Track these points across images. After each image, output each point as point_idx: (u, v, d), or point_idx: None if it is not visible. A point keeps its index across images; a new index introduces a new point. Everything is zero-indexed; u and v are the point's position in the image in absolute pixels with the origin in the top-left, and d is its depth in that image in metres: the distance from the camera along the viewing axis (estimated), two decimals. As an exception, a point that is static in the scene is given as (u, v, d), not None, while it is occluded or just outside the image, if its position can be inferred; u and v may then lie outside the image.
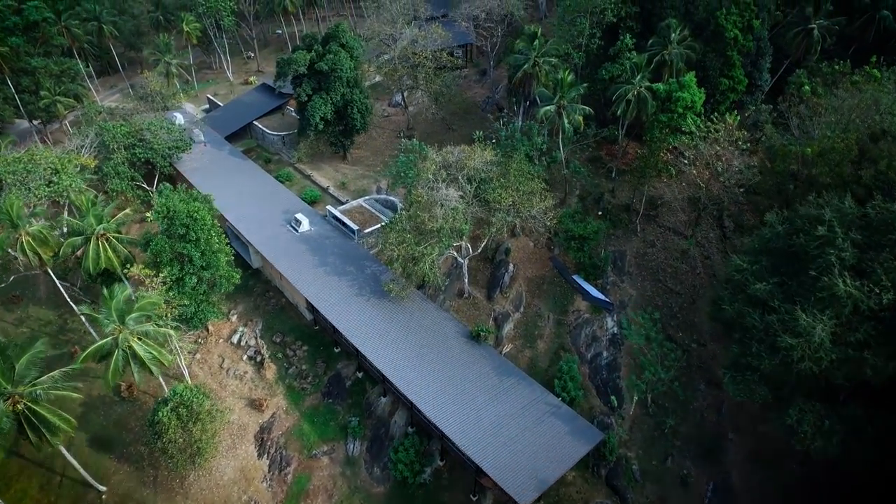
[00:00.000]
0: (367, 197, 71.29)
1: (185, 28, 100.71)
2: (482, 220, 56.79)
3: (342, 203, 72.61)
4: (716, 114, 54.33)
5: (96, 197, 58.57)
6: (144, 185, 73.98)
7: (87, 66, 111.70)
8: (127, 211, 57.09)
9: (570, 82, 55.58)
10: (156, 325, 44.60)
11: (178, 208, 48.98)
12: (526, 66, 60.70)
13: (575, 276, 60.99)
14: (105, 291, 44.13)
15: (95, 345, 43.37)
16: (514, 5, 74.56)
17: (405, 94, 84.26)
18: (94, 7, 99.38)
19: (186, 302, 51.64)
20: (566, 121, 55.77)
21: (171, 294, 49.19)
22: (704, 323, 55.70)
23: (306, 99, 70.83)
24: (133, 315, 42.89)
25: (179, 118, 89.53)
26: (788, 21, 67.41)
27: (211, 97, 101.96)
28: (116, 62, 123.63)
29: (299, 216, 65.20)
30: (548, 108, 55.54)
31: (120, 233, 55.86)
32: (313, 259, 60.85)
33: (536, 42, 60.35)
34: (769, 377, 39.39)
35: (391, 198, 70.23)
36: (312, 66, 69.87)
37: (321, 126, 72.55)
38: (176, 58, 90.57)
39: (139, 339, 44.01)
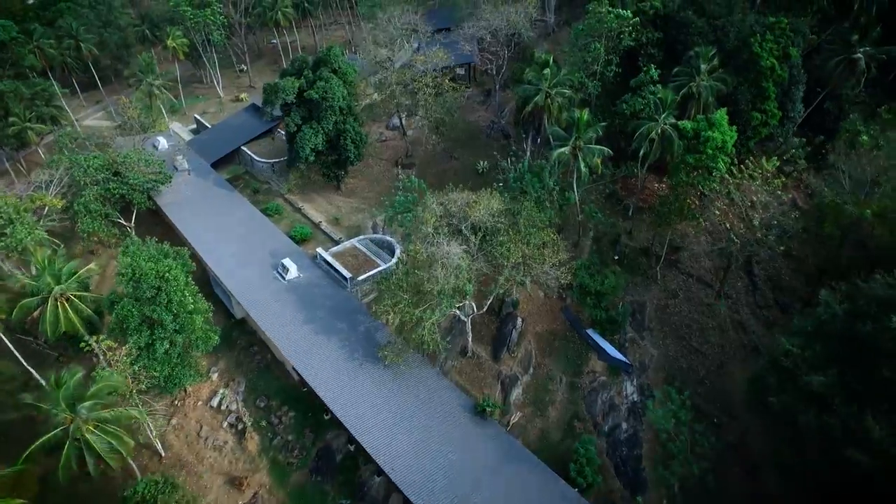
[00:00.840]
0: (361, 237, 65.43)
1: (171, 43, 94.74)
2: (488, 275, 50.93)
3: (334, 241, 66.88)
4: (750, 157, 48.32)
5: (56, 251, 52.72)
6: (122, 221, 68.36)
7: (71, 82, 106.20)
8: (91, 266, 51.37)
9: (587, 121, 49.58)
10: (115, 411, 38.85)
11: (145, 270, 43.16)
12: (537, 98, 54.72)
13: (589, 331, 55.25)
14: (52, 379, 38.35)
15: (42, 438, 37.65)
16: (522, 25, 68.36)
17: (403, 117, 78.42)
18: (70, 24, 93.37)
19: (157, 369, 45.94)
20: (582, 164, 49.81)
21: (137, 367, 43.45)
22: (735, 391, 49.84)
23: (295, 129, 64.93)
24: (87, 403, 37.13)
25: (162, 143, 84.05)
26: (823, 44, 61.31)
27: (198, 117, 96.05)
28: (102, 76, 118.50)
29: (287, 262, 59.43)
30: (562, 150, 49.60)
31: (88, 287, 50.28)
32: (301, 314, 55.14)
33: (548, 71, 54.31)
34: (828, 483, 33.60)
35: (387, 237, 64.40)
36: (302, 93, 63.96)
37: (312, 158, 66.69)
38: (160, 77, 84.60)
39: (96, 426, 38.36)
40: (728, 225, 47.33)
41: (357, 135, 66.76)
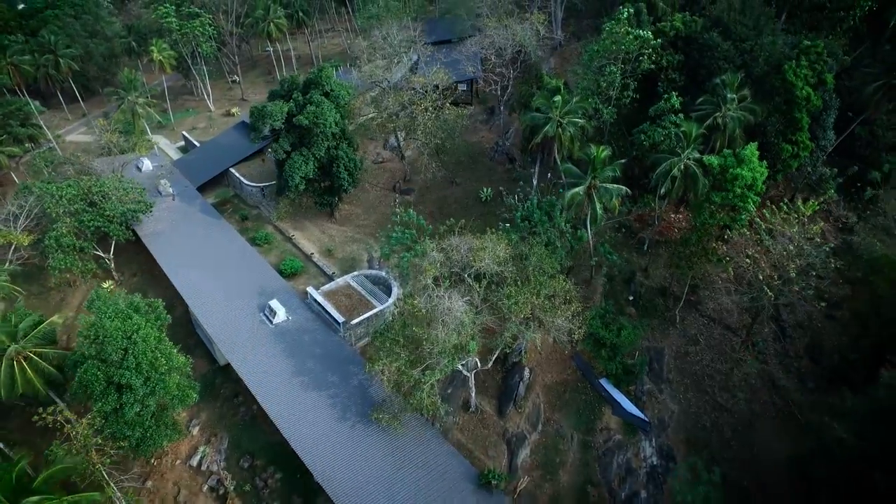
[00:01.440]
0: (355, 273, 60.73)
1: (157, 56, 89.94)
2: (494, 328, 46.26)
3: (327, 276, 62.34)
4: (786, 201, 43.57)
5: (16, 300, 47.98)
6: (99, 253, 63.76)
7: (56, 94, 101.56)
8: (54, 319, 46.56)
9: (604, 158, 44.79)
10: (69, 500, 34.21)
11: (110, 331, 38.49)
12: (547, 128, 49.93)
13: (602, 381, 50.74)
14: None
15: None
16: (530, 44, 63.40)
17: (402, 136, 73.62)
18: (49, 38, 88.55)
19: (128, 433, 41.34)
20: (598, 205, 45.06)
21: (103, 436, 38.85)
22: (766, 456, 45.12)
23: (284, 156, 60.21)
24: (33, 500, 32.48)
25: (146, 164, 79.40)
26: (858, 66, 56.53)
27: (186, 134, 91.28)
28: (88, 88, 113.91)
29: (274, 304, 54.76)
30: (576, 191, 44.84)
31: (54, 339, 45.60)
32: (288, 363, 50.53)
33: (559, 98, 49.50)
34: None
35: (383, 274, 59.72)
36: (291, 118, 59.23)
37: (302, 186, 61.99)
38: (146, 93, 79.84)
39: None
40: (760, 275, 42.52)
41: (351, 161, 62.04)
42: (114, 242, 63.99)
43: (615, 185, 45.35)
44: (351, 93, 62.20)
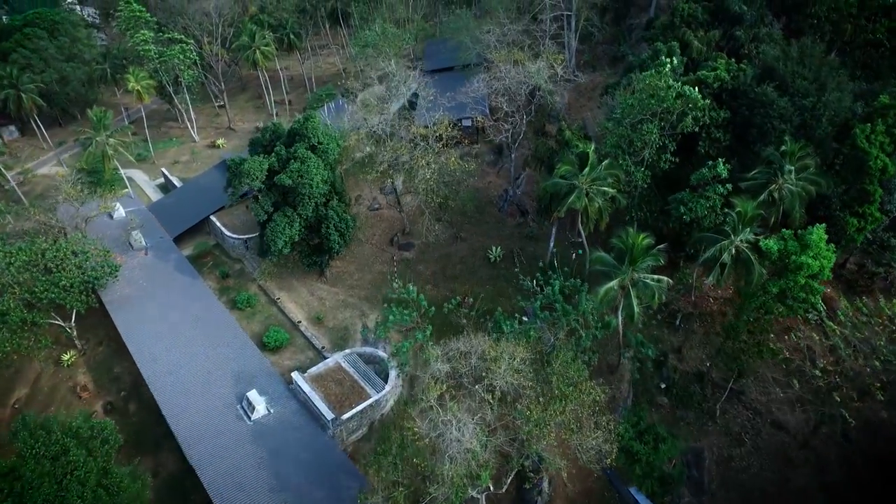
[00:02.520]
0: (347, 351, 53.27)
1: (134, 86, 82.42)
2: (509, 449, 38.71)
3: (316, 351, 55.05)
4: (864, 300, 36.11)
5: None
6: (58, 322, 56.35)
7: (30, 120, 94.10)
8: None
9: (644, 247, 37.21)
10: None
11: (34, 480, 30.95)
12: (572, 199, 42.30)
13: (633, 490, 43.52)
14: None
15: None
16: (546, 86, 55.73)
17: (400, 181, 66.16)
18: (10, 71, 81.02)
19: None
20: (635, 302, 37.51)
21: None
22: None
23: (265, 218, 52.76)
24: None
25: (119, 211, 71.87)
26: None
27: (166, 172, 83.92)
28: (65, 114, 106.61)
29: (253, 396, 47.30)
30: (610, 286, 37.25)
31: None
32: (267, 474, 43.08)
33: (587, 170, 41.98)
34: None
35: (379, 352, 52.32)
36: (273, 173, 51.81)
37: (287, 250, 54.54)
38: (115, 134, 72.24)
39: None
40: (838, 388, 35.07)
41: (343, 222, 54.63)
42: (73, 315, 56.57)
43: (657, 280, 37.71)
44: (341, 144, 54.72)
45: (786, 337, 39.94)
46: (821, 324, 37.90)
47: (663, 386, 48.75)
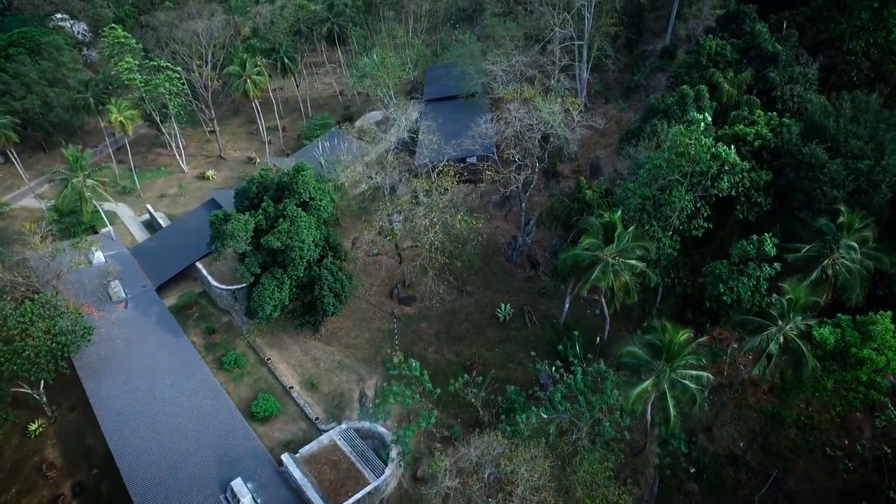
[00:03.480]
0: (344, 426, 48.28)
1: (116, 118, 77.49)
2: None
3: (310, 422, 50.05)
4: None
5: None
6: (26, 389, 51.30)
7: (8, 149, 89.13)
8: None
9: (682, 342, 32.25)
10: None
11: None
12: (596, 274, 37.32)
13: None
14: None
15: None
16: (560, 130, 50.82)
17: (399, 220, 61.24)
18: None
19: None
20: (671, 405, 32.56)
21: None
22: None
23: (252, 280, 47.84)
24: None
25: (98, 256, 66.84)
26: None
27: (151, 209, 79.04)
28: (49, 141, 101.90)
29: (237, 486, 42.30)
30: (643, 386, 32.27)
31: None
32: (252, 585, 37.98)
33: (614, 245, 37.09)
34: None
35: (378, 428, 47.35)
36: (260, 231, 46.93)
37: (276, 314, 49.63)
38: (94, 174, 67.16)
39: None
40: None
41: (338, 282, 49.73)
42: (42, 384, 51.52)
43: (695, 379, 32.67)
44: (335, 199, 49.88)
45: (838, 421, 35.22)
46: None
47: (693, 470, 43.79)
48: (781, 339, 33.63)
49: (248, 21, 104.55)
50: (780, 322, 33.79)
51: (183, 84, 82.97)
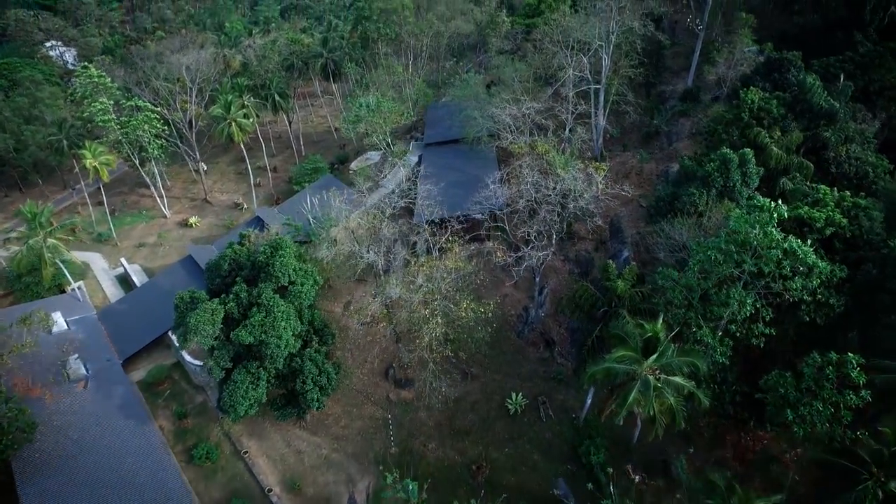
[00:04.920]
0: (329, 547, 40.91)
1: (90, 163, 71.05)
2: None
3: (288, 540, 42.57)
4: None
5: None
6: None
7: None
8: None
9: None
10: None
11: None
12: (634, 397, 30.13)
13: None
14: None
15: None
16: (584, 204, 43.93)
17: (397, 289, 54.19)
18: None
19: None
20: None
21: None
22: None
23: (223, 375, 40.76)
24: None
25: (59, 322, 59.90)
26: None
27: (125, 263, 72.35)
28: (25, 180, 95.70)
29: None
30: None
31: None
32: None
33: (656, 355, 30.04)
34: None
35: (370, 551, 39.97)
36: (231, 320, 39.93)
37: (253, 412, 42.44)
38: (56, 232, 60.38)
39: None
40: None
41: (324, 374, 42.66)
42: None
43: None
44: (320, 281, 42.95)
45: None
46: None
47: None
48: (880, 494, 26.42)
49: (239, 54, 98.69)
50: (874, 471, 26.63)
51: (164, 125, 76.62)
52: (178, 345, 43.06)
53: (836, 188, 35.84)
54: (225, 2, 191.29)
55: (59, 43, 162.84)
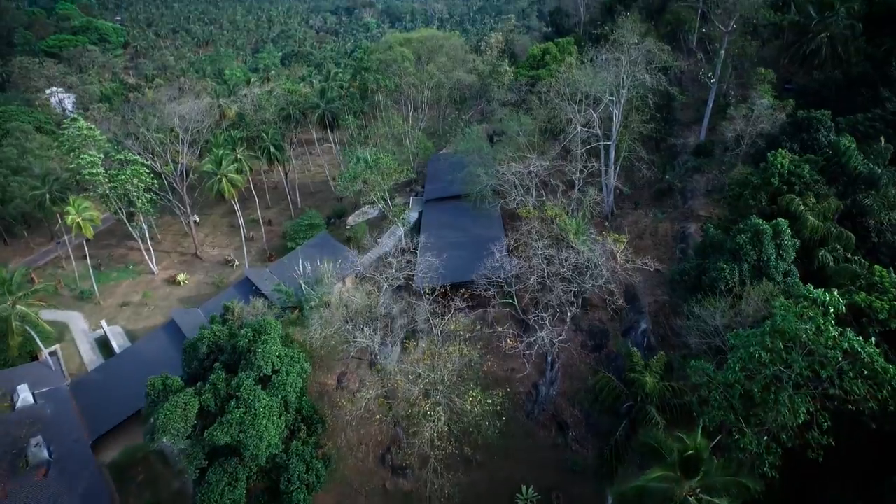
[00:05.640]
0: None
1: (74, 219, 67.51)
2: None
3: None
4: None
5: None
6: None
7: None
8: None
9: None
10: None
11: None
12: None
13: None
14: None
15: None
16: (604, 279, 39.83)
17: (398, 354, 49.43)
18: None
19: None
20: None
21: None
22: None
23: (197, 475, 35.80)
24: None
25: (25, 395, 55.07)
26: None
27: (105, 326, 67.86)
28: (8, 230, 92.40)
29: None
30: None
31: None
32: None
33: (697, 474, 25.34)
34: None
35: None
36: (207, 414, 35.23)
37: (230, 515, 37.17)
38: (26, 298, 56.20)
39: None
40: None
41: (312, 472, 37.60)
42: None
43: None
44: (307, 370, 38.45)
45: None
46: None
47: None
48: None
49: (235, 104, 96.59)
50: None
51: (153, 179, 73.43)
52: (149, 433, 38.17)
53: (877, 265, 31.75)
54: (226, 49, 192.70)
55: (60, 89, 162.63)
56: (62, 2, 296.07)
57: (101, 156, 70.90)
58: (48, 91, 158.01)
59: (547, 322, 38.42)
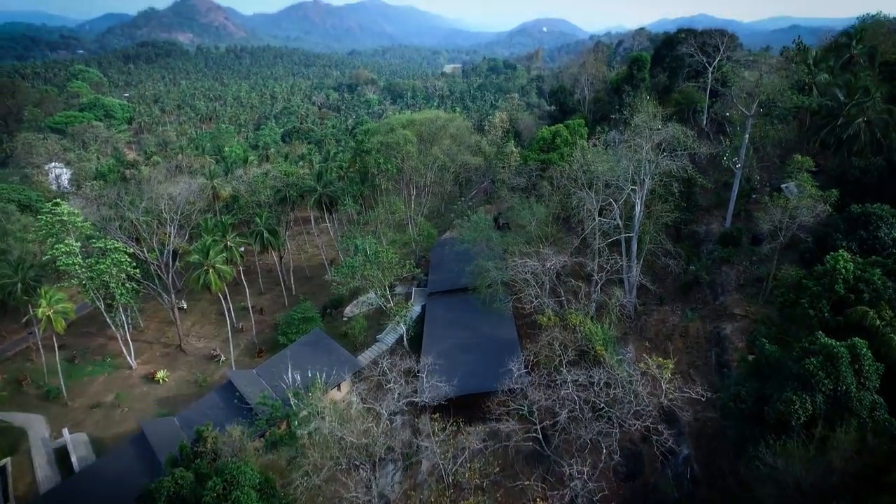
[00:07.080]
0: None
1: (44, 312, 61.47)
2: None
3: None
4: None
5: None
6: None
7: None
8: None
9: None
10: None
11: None
12: None
13: None
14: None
15: None
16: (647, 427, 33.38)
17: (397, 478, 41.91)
18: None
19: None
20: None
21: None
22: None
23: None
24: None
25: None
26: None
27: (67, 438, 60.25)
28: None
29: None
30: None
31: None
32: None
33: None
34: None
35: None
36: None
37: None
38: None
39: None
40: None
41: None
42: None
43: None
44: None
45: None
46: None
47: None
48: None
49: (229, 185, 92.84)
50: None
51: (135, 268, 67.94)
52: None
53: None
54: (227, 126, 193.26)
55: (59, 164, 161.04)
56: (74, 80, 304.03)
57: (78, 244, 65.72)
58: (48, 166, 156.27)
59: (585, 474, 31.52)
